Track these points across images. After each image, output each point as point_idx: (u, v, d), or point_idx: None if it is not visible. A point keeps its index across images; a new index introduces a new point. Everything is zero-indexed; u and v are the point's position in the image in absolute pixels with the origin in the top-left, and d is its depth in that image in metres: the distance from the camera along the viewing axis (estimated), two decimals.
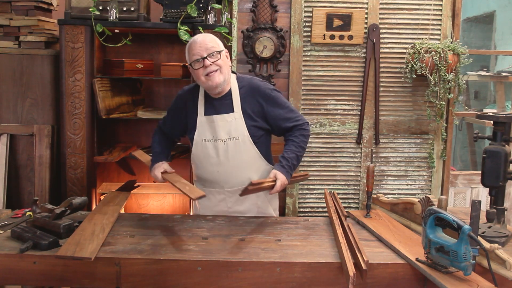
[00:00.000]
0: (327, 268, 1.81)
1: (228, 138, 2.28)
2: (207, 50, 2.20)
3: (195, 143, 2.34)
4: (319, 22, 3.16)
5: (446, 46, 3.03)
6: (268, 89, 2.34)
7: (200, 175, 2.41)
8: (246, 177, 2.30)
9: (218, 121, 2.29)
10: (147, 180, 3.60)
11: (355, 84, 3.26)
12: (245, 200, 2.34)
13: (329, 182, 3.31)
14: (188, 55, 2.26)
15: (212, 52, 2.20)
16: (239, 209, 2.38)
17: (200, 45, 2.21)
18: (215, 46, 2.23)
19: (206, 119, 2.31)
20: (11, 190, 3.17)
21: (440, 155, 3.32)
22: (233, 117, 2.29)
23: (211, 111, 2.32)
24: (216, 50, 2.22)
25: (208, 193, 2.34)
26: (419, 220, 2.17)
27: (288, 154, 2.29)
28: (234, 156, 2.29)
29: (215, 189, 2.36)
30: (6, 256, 1.82)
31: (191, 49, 2.23)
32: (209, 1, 3.01)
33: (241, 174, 2.32)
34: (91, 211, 2.32)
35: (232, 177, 2.32)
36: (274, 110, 2.32)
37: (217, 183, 2.35)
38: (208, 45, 2.21)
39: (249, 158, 2.32)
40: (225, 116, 2.29)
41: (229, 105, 2.30)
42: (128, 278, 1.81)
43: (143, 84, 3.53)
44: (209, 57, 2.20)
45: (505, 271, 1.69)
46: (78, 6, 3.01)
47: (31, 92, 3.16)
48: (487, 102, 5.70)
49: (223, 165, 2.30)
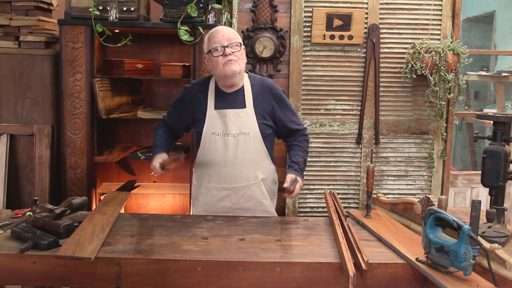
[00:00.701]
0: (327, 268, 1.81)
1: (239, 133, 2.29)
2: (228, 40, 2.24)
3: (203, 137, 2.33)
4: (319, 22, 3.16)
5: (446, 46, 3.03)
6: (279, 90, 2.41)
7: (205, 170, 2.38)
8: (253, 174, 2.34)
9: (230, 115, 2.30)
10: (147, 180, 3.60)
11: (355, 84, 3.26)
12: (250, 197, 2.36)
13: (329, 182, 3.31)
14: (208, 43, 2.28)
15: (233, 43, 2.25)
16: (244, 206, 2.38)
17: (222, 34, 2.25)
18: (236, 38, 2.28)
19: (216, 113, 2.32)
20: (11, 190, 3.17)
21: (440, 155, 3.32)
22: (245, 112, 2.31)
23: (222, 105, 2.32)
24: (236, 41, 2.27)
25: (212, 189, 2.35)
26: (419, 220, 2.17)
27: (297, 158, 2.35)
28: (243, 152, 2.30)
29: (220, 185, 2.35)
30: (6, 256, 1.82)
31: (212, 37, 2.27)
32: (209, 1, 3.01)
33: (248, 171, 2.34)
34: (91, 211, 2.32)
35: (239, 172, 2.33)
36: (283, 111, 2.38)
37: (223, 178, 2.33)
38: (230, 36, 2.26)
39: (257, 155, 2.35)
40: (237, 111, 2.31)
41: (241, 101, 2.33)
42: (128, 278, 1.81)
43: (143, 84, 3.53)
44: (230, 47, 2.24)
45: (505, 271, 1.69)
46: (78, 6, 3.01)
47: (31, 92, 3.16)
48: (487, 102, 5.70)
49: (231, 160, 2.30)
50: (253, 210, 2.38)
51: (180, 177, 3.53)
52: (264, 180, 2.39)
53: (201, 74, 3.03)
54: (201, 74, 3.03)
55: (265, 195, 2.40)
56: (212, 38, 2.26)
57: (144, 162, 3.45)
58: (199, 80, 2.48)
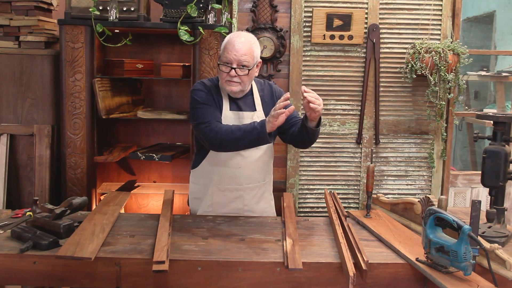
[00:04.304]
0: (327, 268, 1.81)
1: None
2: (239, 61, 2.18)
3: None
4: (319, 22, 3.16)
5: (446, 46, 3.03)
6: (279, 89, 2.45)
7: (216, 171, 2.34)
8: (262, 175, 2.39)
9: (246, 118, 2.28)
10: (147, 180, 3.60)
11: (355, 84, 3.26)
12: (261, 197, 2.40)
13: (329, 182, 3.31)
14: (222, 51, 2.23)
15: (242, 65, 2.18)
16: (254, 208, 2.39)
17: (236, 53, 2.17)
18: (248, 61, 2.19)
19: (233, 114, 2.29)
20: (11, 190, 3.17)
21: (440, 155, 3.32)
22: (256, 116, 2.31)
23: (235, 108, 2.31)
24: (247, 63, 2.19)
25: (225, 190, 2.35)
26: (419, 220, 2.17)
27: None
28: (256, 153, 2.31)
29: (233, 186, 2.34)
30: (6, 256, 1.82)
31: (226, 49, 2.20)
32: (209, 1, 3.01)
33: (259, 171, 2.37)
34: (91, 211, 2.32)
35: (253, 173, 2.34)
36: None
37: (236, 179, 2.33)
38: (242, 57, 2.17)
39: (268, 156, 2.39)
40: (251, 114, 2.31)
41: (251, 104, 2.33)
42: (128, 278, 1.81)
43: (143, 84, 3.53)
44: (238, 68, 2.19)
45: (505, 271, 1.69)
46: (78, 6, 3.01)
47: (31, 92, 3.16)
48: (487, 102, 5.71)
49: (245, 161, 2.31)
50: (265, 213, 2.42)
51: (180, 177, 3.53)
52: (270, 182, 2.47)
53: (201, 74, 3.03)
54: (201, 74, 3.04)
55: (271, 196, 2.47)
56: (226, 50, 2.20)
57: (144, 162, 3.46)
58: (207, 80, 2.38)
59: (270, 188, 2.48)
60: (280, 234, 2.11)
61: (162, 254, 1.76)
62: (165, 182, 3.58)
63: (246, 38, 2.23)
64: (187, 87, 3.36)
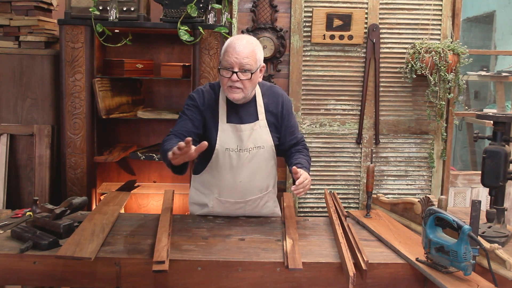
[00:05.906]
0: (327, 268, 1.81)
1: (253, 147, 2.20)
2: (240, 65, 2.07)
3: (216, 152, 2.19)
4: (319, 22, 3.16)
5: (446, 46, 3.03)
6: (288, 98, 2.34)
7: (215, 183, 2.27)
8: (265, 185, 2.31)
9: (245, 130, 2.18)
10: (147, 180, 3.60)
11: (355, 84, 3.26)
12: (263, 207, 2.34)
13: (329, 182, 3.31)
14: (223, 54, 2.12)
15: (244, 68, 2.07)
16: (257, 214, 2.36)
17: (237, 56, 2.06)
18: (251, 64, 2.08)
19: (230, 127, 2.18)
20: (11, 190, 3.17)
21: (440, 155, 3.32)
22: (258, 125, 2.21)
23: (235, 119, 2.19)
24: (250, 67, 2.08)
25: (225, 202, 2.29)
26: (419, 220, 2.17)
27: (301, 160, 2.21)
28: (258, 165, 2.23)
29: (233, 200, 2.28)
30: (6, 256, 1.82)
31: (227, 52, 2.09)
32: (209, 1, 3.01)
33: (261, 183, 2.29)
34: (91, 211, 2.32)
35: (254, 186, 2.26)
36: (290, 119, 2.30)
37: (237, 192, 2.26)
38: (244, 60, 2.06)
39: (270, 167, 2.30)
40: (251, 125, 2.20)
41: (254, 113, 2.22)
42: (128, 278, 1.81)
43: (143, 84, 3.53)
44: (240, 72, 2.07)
45: (505, 271, 1.69)
46: (78, 6, 3.01)
47: (31, 92, 3.16)
48: (487, 102, 5.70)
49: (246, 175, 2.22)
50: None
51: (180, 177, 3.51)
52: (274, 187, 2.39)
53: (201, 74, 3.03)
54: (201, 74, 3.04)
55: (276, 202, 2.40)
56: (226, 53, 2.09)
57: (144, 162, 3.46)
58: (205, 87, 2.26)
59: (274, 195, 2.39)
60: (280, 234, 2.11)
61: (162, 254, 1.75)
62: (165, 182, 3.58)
63: (248, 41, 2.13)
64: (187, 87, 3.36)
